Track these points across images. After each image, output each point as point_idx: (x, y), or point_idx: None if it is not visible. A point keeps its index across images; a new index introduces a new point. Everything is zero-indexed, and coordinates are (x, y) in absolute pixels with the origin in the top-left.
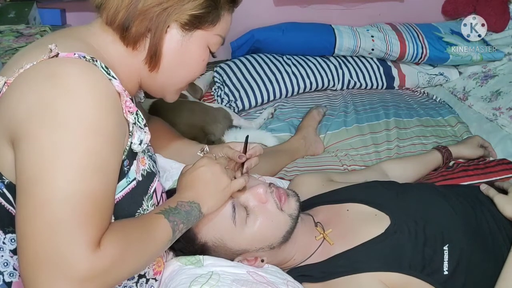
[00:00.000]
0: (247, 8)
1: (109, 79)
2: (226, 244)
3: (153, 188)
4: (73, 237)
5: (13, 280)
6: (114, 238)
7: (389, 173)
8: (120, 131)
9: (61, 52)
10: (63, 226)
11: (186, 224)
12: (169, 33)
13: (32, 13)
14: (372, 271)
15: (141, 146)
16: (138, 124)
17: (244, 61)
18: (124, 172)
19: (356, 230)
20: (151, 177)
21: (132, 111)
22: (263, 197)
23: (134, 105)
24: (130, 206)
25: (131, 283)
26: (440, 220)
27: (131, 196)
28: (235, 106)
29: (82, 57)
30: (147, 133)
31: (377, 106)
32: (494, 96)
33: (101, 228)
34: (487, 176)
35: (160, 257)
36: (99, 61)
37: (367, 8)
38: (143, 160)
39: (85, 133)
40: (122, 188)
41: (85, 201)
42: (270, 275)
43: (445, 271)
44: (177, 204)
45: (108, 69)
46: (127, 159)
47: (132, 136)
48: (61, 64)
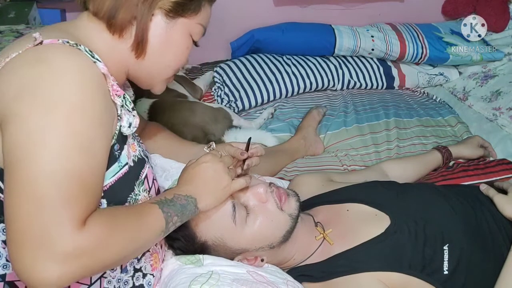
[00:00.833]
0: (247, 8)
1: (94, 62)
2: (226, 243)
3: (145, 174)
4: (58, 215)
5: (7, 272)
6: (100, 219)
7: (389, 173)
8: (107, 113)
9: (45, 40)
10: (48, 204)
11: (181, 217)
12: (154, 20)
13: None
14: (372, 271)
15: (131, 129)
16: (126, 107)
17: (244, 61)
18: (115, 156)
19: (356, 230)
20: (142, 163)
21: (119, 94)
22: (263, 197)
23: (121, 89)
24: (123, 190)
25: (127, 276)
26: (440, 220)
27: (123, 181)
28: (235, 106)
29: (66, 42)
30: (136, 117)
31: (377, 106)
32: (494, 96)
33: (87, 208)
34: (487, 176)
35: (156, 253)
36: (82, 46)
37: (367, 8)
38: (134, 146)
39: (71, 113)
40: (115, 173)
41: (71, 179)
42: (270, 275)
43: (445, 271)
44: (173, 196)
45: (92, 53)
46: (117, 143)
47: (121, 119)
48: (45, 50)
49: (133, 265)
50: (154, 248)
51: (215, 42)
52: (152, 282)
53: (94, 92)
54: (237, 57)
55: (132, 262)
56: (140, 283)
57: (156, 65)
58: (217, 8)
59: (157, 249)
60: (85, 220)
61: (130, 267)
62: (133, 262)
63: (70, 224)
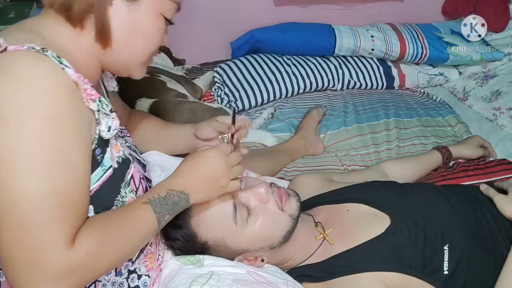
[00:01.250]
0: (247, 8)
1: (62, 69)
2: (226, 243)
3: (130, 174)
4: (46, 236)
5: (1, 280)
6: (89, 233)
7: (389, 173)
8: (81, 121)
9: (9, 46)
10: (34, 227)
11: (172, 214)
12: (114, 5)
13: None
14: (372, 270)
15: (111, 133)
16: (103, 110)
17: (244, 61)
18: (97, 161)
19: (356, 230)
20: (126, 163)
21: (94, 99)
22: (264, 197)
23: (96, 92)
24: (109, 194)
25: (121, 279)
26: (440, 220)
27: (108, 184)
28: (235, 106)
29: (31, 48)
30: (115, 119)
31: (377, 106)
32: (494, 96)
33: (75, 224)
34: (487, 176)
35: (151, 253)
36: (49, 51)
37: (367, 8)
38: (117, 147)
39: (42, 128)
40: (99, 177)
41: (53, 198)
42: (270, 275)
43: (445, 271)
44: (167, 193)
45: (60, 58)
46: (98, 147)
47: (99, 123)
48: (9, 58)
49: (127, 267)
50: (149, 249)
51: (215, 42)
52: (148, 283)
53: (64, 101)
54: (237, 57)
55: (126, 264)
56: (136, 284)
57: (126, 53)
58: (217, 8)
59: (152, 249)
60: (75, 236)
61: (124, 270)
62: (128, 265)
63: (59, 243)
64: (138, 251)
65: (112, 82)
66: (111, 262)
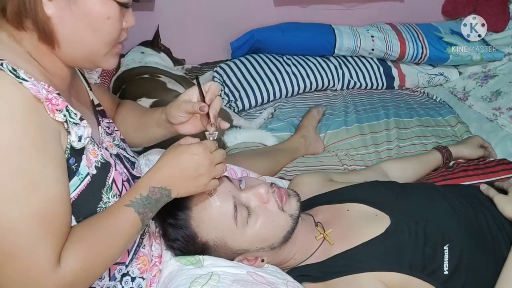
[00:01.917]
0: (247, 8)
1: (20, 82)
2: (227, 243)
3: (111, 178)
4: (32, 262)
5: None
6: (74, 250)
7: (389, 173)
8: (48, 136)
9: None
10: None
11: (155, 211)
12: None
13: None
14: (373, 271)
15: (82, 142)
16: (72, 120)
17: (244, 61)
18: (73, 170)
19: (356, 230)
20: (107, 167)
21: (60, 109)
22: (264, 197)
23: (62, 101)
24: (90, 202)
25: (115, 282)
26: (441, 220)
27: (88, 192)
28: (235, 106)
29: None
30: (86, 127)
31: (377, 106)
32: (494, 96)
33: (58, 244)
34: (487, 176)
35: (144, 255)
36: (4, 64)
37: (367, 8)
38: (94, 152)
39: (7, 153)
40: (76, 186)
41: (33, 223)
42: (270, 275)
43: (445, 271)
44: (148, 191)
45: (16, 71)
46: (72, 157)
47: (70, 133)
48: None
49: (121, 271)
50: (141, 251)
51: (215, 42)
52: (142, 285)
53: (26, 118)
54: (237, 57)
55: (120, 269)
56: (130, 286)
57: (80, 49)
58: (218, 8)
59: (145, 252)
60: (60, 254)
61: (118, 274)
62: (121, 269)
63: (46, 266)
64: (125, 252)
65: (93, 75)
66: (99, 272)
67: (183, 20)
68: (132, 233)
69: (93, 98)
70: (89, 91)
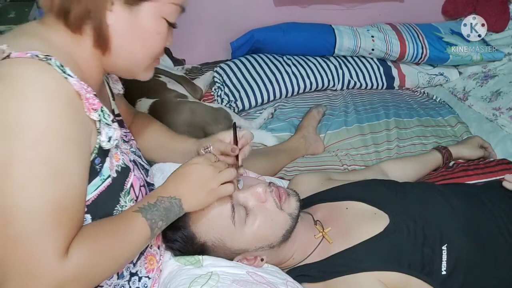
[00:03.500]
0: (247, 8)
1: (65, 78)
2: (225, 244)
3: (129, 183)
4: (40, 249)
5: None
6: (82, 245)
7: (389, 173)
8: (81, 132)
9: (13, 52)
10: (26, 239)
11: (166, 221)
12: (114, 11)
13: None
14: (371, 270)
15: (111, 143)
16: (104, 120)
17: (244, 61)
18: (96, 170)
19: (355, 229)
20: (126, 172)
21: (96, 108)
22: (262, 197)
23: (98, 102)
24: (107, 204)
25: (123, 281)
26: (440, 219)
27: (107, 194)
28: (235, 106)
29: (35, 56)
30: (116, 129)
31: (377, 106)
32: (494, 96)
33: (68, 236)
34: (487, 176)
35: (152, 255)
36: (53, 59)
37: (367, 8)
38: (117, 156)
39: (40, 140)
40: (97, 187)
41: (48, 211)
42: (269, 275)
43: (443, 271)
44: (156, 199)
45: (63, 67)
46: (98, 157)
47: (100, 133)
48: (11, 66)
49: (129, 270)
50: (149, 251)
51: (215, 42)
52: (148, 285)
53: (64, 112)
54: (237, 57)
55: (128, 267)
56: (136, 286)
57: (127, 58)
58: (218, 8)
59: (152, 252)
60: (68, 247)
61: (126, 272)
62: (129, 267)
63: (52, 256)
64: (132, 259)
65: (117, 85)
66: (104, 273)
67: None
68: (140, 238)
69: (114, 108)
70: (112, 101)
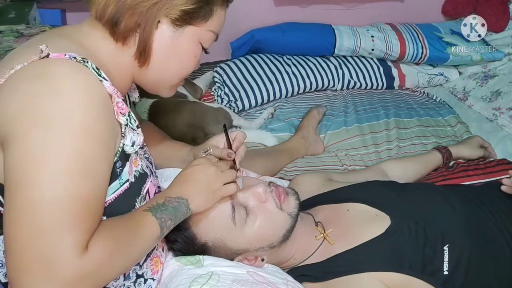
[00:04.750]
0: (247, 8)
1: (100, 81)
2: (226, 244)
3: (146, 189)
4: (60, 241)
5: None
6: (102, 241)
7: (389, 173)
8: (110, 133)
9: (51, 53)
10: (50, 230)
11: (174, 220)
12: (160, 28)
13: (32, 13)
14: (373, 271)
15: (134, 148)
16: (130, 125)
17: (244, 61)
18: (116, 173)
19: (356, 230)
20: (143, 178)
21: (124, 113)
22: (262, 196)
23: (126, 107)
24: (123, 207)
25: (129, 283)
26: (441, 220)
27: (124, 198)
28: (235, 106)
29: (73, 58)
30: (140, 135)
31: (377, 106)
32: (494, 96)
33: (89, 231)
34: (487, 176)
35: (157, 257)
36: (90, 62)
37: (367, 8)
38: (136, 161)
39: (73, 135)
40: (115, 190)
41: (73, 205)
42: (270, 275)
43: (445, 271)
44: (164, 200)
45: (99, 70)
46: (119, 160)
47: (125, 137)
48: (51, 65)
49: (135, 271)
50: (155, 253)
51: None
52: (152, 286)
53: (98, 112)
54: (237, 57)
55: (134, 268)
56: None
57: (160, 74)
58: None
59: (157, 253)
60: (88, 242)
61: (132, 273)
62: (136, 269)
63: (72, 250)
64: (142, 259)
65: (135, 93)
66: (118, 270)
67: None
68: (151, 236)
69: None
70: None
